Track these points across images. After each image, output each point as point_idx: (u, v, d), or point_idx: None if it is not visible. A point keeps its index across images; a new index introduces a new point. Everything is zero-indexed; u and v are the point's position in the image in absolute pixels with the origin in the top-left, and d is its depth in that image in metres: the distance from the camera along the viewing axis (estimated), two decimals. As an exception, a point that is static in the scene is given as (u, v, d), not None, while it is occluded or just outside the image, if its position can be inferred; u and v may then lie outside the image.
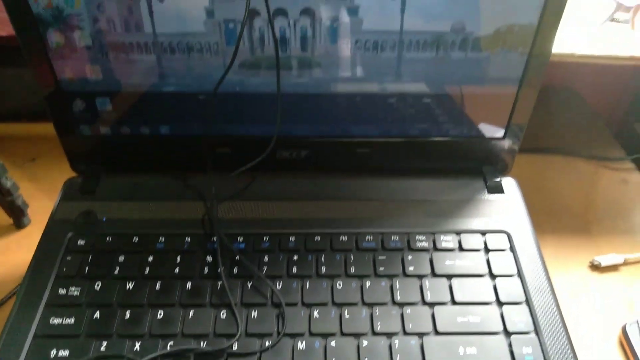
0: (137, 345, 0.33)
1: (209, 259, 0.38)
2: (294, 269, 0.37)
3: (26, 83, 0.63)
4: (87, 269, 0.37)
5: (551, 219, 0.48)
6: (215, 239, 0.38)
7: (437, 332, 0.34)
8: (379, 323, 0.34)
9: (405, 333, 0.34)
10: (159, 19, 0.35)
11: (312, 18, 0.35)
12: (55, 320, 0.34)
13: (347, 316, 0.34)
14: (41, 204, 0.53)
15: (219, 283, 0.36)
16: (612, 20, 0.45)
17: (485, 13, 0.35)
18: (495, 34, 0.36)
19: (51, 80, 0.38)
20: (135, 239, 0.39)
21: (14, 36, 0.36)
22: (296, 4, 0.34)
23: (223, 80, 0.35)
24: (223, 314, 0.35)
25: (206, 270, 0.37)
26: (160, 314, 0.35)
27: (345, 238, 0.39)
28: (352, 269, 0.37)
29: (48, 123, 0.43)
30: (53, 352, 0.33)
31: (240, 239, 0.39)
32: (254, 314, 0.35)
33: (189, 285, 0.36)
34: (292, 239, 0.39)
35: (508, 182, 0.43)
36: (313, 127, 0.41)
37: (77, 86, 0.38)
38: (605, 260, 0.43)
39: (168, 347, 0.33)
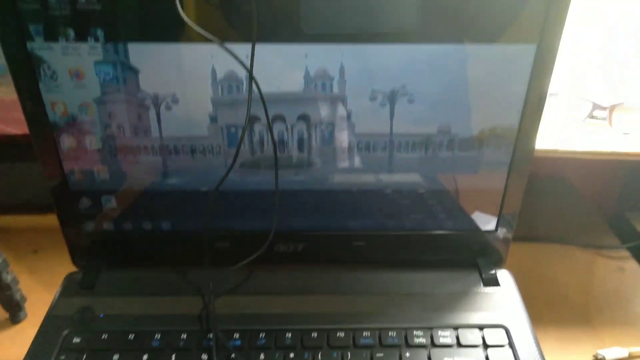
0: None
1: (205, 357, 0.37)
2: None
3: (31, 177, 0.66)
4: (81, 369, 0.37)
5: (551, 309, 0.48)
6: (211, 335, 0.38)
7: None
8: None
9: None
10: (166, 124, 0.38)
11: (308, 122, 0.38)
12: None
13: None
14: (39, 297, 0.53)
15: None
16: (591, 117, 0.47)
17: (469, 116, 0.37)
18: (479, 134, 0.38)
19: (60, 179, 0.40)
20: (131, 336, 0.39)
21: (26, 134, 0.38)
22: (293, 110, 0.37)
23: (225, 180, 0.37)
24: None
25: (203, 368, 0.37)
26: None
27: (342, 334, 0.38)
28: (350, 367, 0.36)
29: (51, 215, 0.45)
30: None
31: (237, 335, 0.39)
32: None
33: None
34: (289, 335, 0.38)
35: (503, 274, 0.43)
36: (310, 222, 0.42)
37: (85, 185, 0.40)
38: (609, 354, 0.42)
39: None
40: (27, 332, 0.53)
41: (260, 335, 0.39)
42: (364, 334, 0.38)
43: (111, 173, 0.40)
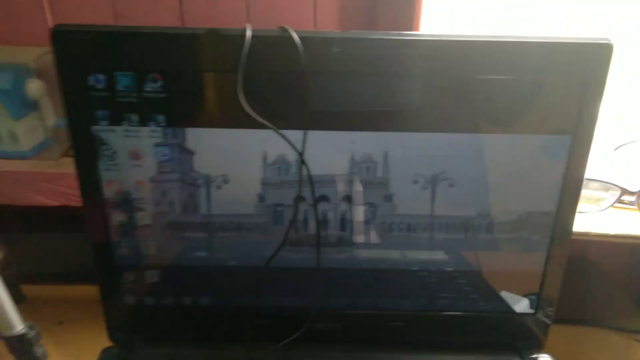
0: None
1: None
2: None
3: (60, 248, 0.67)
4: None
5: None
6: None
7: None
8: None
9: None
10: (215, 203, 0.39)
11: (351, 203, 0.39)
12: None
13: None
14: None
15: None
16: (620, 202, 0.49)
17: (507, 201, 0.39)
18: (518, 218, 0.39)
19: (107, 253, 0.41)
20: (168, 417, 0.38)
21: (60, 206, 0.39)
22: (337, 192, 0.39)
23: (268, 257, 0.38)
24: None
25: None
26: None
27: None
28: None
29: (78, 286, 0.45)
30: None
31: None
32: None
33: None
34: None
35: (544, 359, 0.43)
36: (348, 300, 0.42)
37: (130, 259, 0.41)
38: None
39: None
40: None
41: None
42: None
43: (157, 248, 0.41)
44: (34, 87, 0.60)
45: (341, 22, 0.60)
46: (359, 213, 0.39)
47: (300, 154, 0.35)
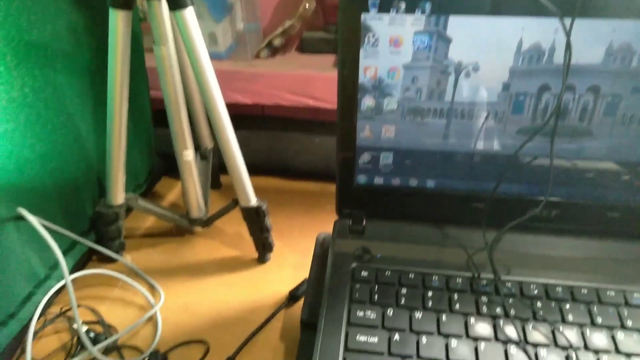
0: (440, 368, 0.37)
1: (484, 299, 0.42)
2: (569, 317, 0.40)
3: (250, 143, 0.75)
4: (375, 296, 0.42)
5: None
6: (484, 282, 0.43)
7: None
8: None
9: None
10: (460, 90, 0.42)
11: (596, 94, 0.41)
12: (361, 338, 0.39)
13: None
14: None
15: (501, 321, 0.40)
16: None
17: None
18: None
19: (350, 135, 0.46)
20: (411, 275, 0.44)
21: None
22: (585, 81, 0.40)
23: (501, 145, 0.41)
24: (511, 349, 0.38)
25: (484, 309, 0.41)
26: (453, 343, 0.39)
27: (612, 293, 0.41)
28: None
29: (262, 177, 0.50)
30: (367, 365, 0.37)
31: (509, 284, 0.43)
32: (543, 352, 0.38)
33: (472, 320, 0.40)
34: (559, 289, 0.42)
35: None
36: (570, 190, 0.45)
37: (369, 142, 0.46)
38: None
39: (469, 373, 0.37)
40: (271, 271, 0.61)
41: (532, 287, 0.42)
42: (634, 295, 0.41)
43: (396, 132, 0.45)
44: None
45: None
46: (603, 104, 0.41)
47: (568, 38, 0.37)
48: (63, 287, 0.55)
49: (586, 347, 0.38)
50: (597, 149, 0.43)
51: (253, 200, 0.56)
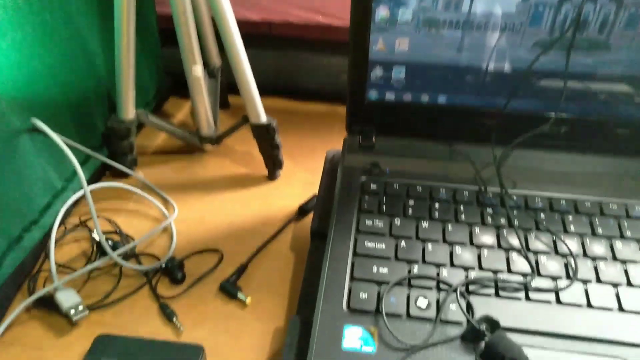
0: (444, 271, 0.39)
1: (489, 211, 0.43)
2: (571, 228, 0.41)
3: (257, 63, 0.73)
4: (384, 207, 0.44)
5: None
6: (490, 195, 0.44)
7: None
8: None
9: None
10: (478, 1, 0.41)
11: (619, 4, 0.40)
12: (369, 244, 0.41)
13: None
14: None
15: (504, 231, 0.41)
16: None
17: None
18: None
19: (363, 49, 0.45)
20: (419, 188, 0.45)
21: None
22: (608, -9, 0.39)
23: (516, 58, 0.41)
24: (513, 256, 0.40)
25: (489, 219, 0.42)
26: (457, 250, 0.40)
27: (614, 206, 0.43)
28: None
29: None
30: (374, 268, 0.39)
31: (514, 197, 0.44)
32: (543, 259, 0.39)
33: (476, 229, 0.42)
34: (563, 202, 0.43)
35: None
36: (581, 107, 0.45)
37: (382, 55, 0.46)
38: None
39: (472, 276, 0.38)
40: (281, 188, 0.63)
41: (536, 200, 0.44)
42: (636, 209, 0.42)
43: (410, 45, 0.45)
44: None
45: None
46: (625, 15, 0.40)
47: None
48: (79, 200, 0.57)
49: (585, 254, 0.40)
50: (613, 63, 0.42)
51: (263, 118, 0.57)
